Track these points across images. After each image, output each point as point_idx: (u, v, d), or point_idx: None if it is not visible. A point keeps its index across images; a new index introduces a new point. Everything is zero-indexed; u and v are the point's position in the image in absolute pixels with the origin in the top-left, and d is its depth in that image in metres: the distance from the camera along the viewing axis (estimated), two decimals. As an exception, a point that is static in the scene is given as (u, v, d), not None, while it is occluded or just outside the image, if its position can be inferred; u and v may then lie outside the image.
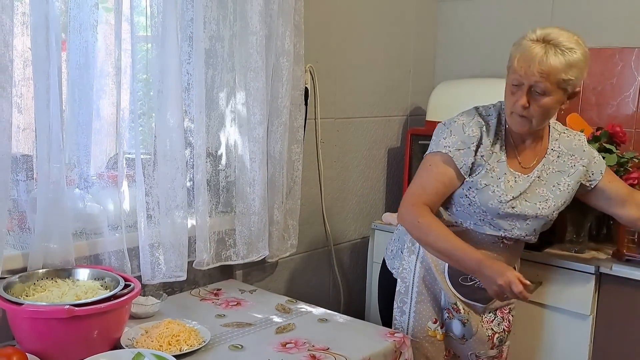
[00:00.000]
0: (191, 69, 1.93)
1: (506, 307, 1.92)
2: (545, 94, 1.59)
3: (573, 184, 1.80)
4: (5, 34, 1.49)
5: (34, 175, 1.68)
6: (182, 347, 1.53)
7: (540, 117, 1.64)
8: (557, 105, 1.64)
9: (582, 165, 1.80)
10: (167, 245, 1.89)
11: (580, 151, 1.80)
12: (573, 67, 1.57)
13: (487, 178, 1.71)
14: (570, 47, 1.57)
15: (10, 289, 1.54)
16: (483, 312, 1.89)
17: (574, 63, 1.57)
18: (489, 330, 1.90)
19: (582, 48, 1.60)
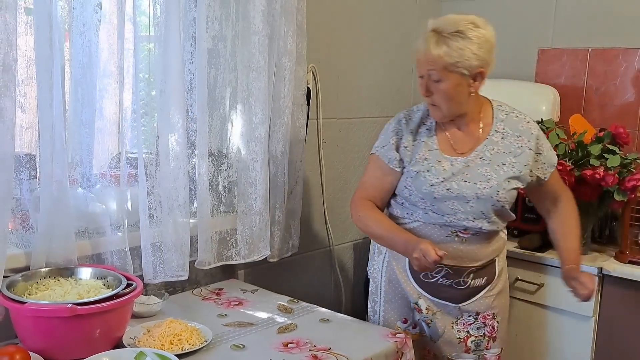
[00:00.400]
0: (194, 69, 1.93)
1: (489, 312, 1.84)
2: (440, 81, 1.66)
3: (520, 166, 1.75)
4: (9, 33, 1.49)
5: (37, 174, 1.69)
6: (184, 347, 1.54)
7: (445, 103, 1.69)
8: (459, 89, 1.67)
9: (529, 148, 1.76)
10: (169, 244, 1.89)
11: (527, 134, 1.78)
12: (459, 50, 1.61)
13: (418, 166, 1.77)
14: (456, 32, 1.63)
15: (13, 287, 1.54)
16: (459, 314, 1.84)
17: (459, 47, 1.61)
18: (462, 333, 1.84)
19: (472, 31, 1.64)
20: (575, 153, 2.21)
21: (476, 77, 1.67)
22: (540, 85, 2.62)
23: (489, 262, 1.83)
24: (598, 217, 2.38)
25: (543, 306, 2.29)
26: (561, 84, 2.64)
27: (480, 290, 1.83)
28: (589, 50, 2.60)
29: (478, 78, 1.68)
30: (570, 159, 2.19)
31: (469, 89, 1.68)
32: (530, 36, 2.75)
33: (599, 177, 2.09)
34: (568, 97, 2.61)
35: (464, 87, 1.67)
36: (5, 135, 1.51)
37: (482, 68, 1.66)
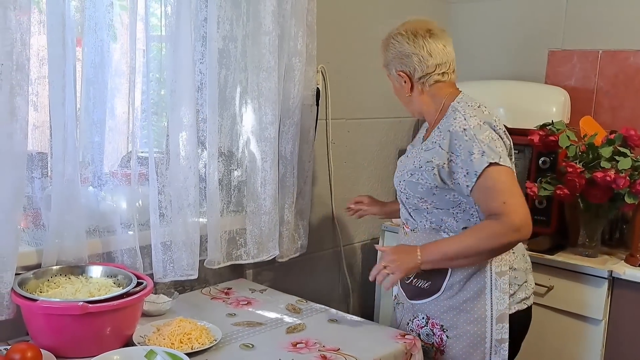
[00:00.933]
0: (204, 69, 1.94)
1: (437, 322, 1.78)
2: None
3: (422, 160, 1.71)
4: (23, 32, 1.50)
5: (49, 172, 1.70)
6: (194, 346, 1.54)
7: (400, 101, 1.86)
8: (396, 88, 1.83)
9: (439, 145, 1.68)
10: (179, 243, 1.90)
11: (445, 130, 1.68)
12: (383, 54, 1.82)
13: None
14: (386, 38, 1.82)
15: (25, 285, 1.56)
16: (414, 313, 1.83)
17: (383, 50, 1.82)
18: (413, 333, 1.82)
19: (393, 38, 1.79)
20: (586, 155, 2.20)
21: (404, 80, 1.78)
22: (551, 87, 2.61)
23: (436, 270, 1.73)
24: (608, 219, 2.37)
25: (552, 309, 2.28)
26: (571, 86, 2.63)
27: (427, 294, 1.78)
28: (599, 52, 2.59)
29: (406, 81, 1.77)
30: (581, 161, 2.19)
31: (403, 89, 1.80)
32: (540, 38, 2.74)
33: (609, 180, 2.08)
34: (578, 99, 2.59)
35: (398, 87, 1.82)
36: (18, 133, 1.52)
37: (402, 72, 1.77)
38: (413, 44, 1.74)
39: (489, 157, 1.62)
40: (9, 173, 1.52)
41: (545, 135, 2.26)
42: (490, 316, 1.73)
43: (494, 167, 1.62)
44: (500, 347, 1.73)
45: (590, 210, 2.25)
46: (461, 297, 1.74)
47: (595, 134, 2.23)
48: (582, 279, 2.20)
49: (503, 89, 2.65)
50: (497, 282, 1.73)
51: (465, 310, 1.74)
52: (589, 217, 2.28)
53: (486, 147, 1.63)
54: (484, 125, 1.66)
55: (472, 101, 1.74)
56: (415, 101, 1.80)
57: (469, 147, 1.63)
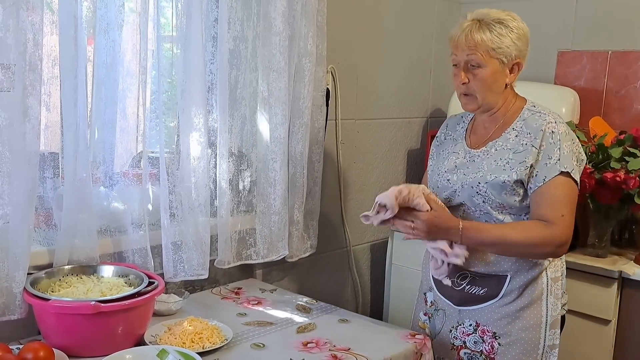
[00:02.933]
0: (215, 69, 1.94)
1: (490, 329, 1.72)
2: (480, 66, 1.65)
3: (514, 163, 1.65)
4: (35, 32, 1.51)
5: (60, 172, 1.71)
6: (205, 345, 1.54)
7: (482, 90, 1.67)
8: (497, 77, 1.66)
9: (532, 145, 1.63)
10: (189, 243, 1.90)
11: (538, 131, 1.64)
12: (500, 36, 1.63)
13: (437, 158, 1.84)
14: (497, 20, 1.65)
15: (37, 284, 1.56)
16: (460, 320, 1.77)
17: (501, 33, 1.64)
18: (458, 341, 1.77)
19: (512, 22, 1.66)
20: (596, 156, 2.19)
21: (513, 68, 1.68)
22: (560, 88, 2.61)
23: (494, 276, 1.70)
24: (618, 220, 2.37)
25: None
26: (581, 87, 2.62)
27: (481, 300, 1.73)
28: (609, 53, 2.58)
29: (514, 69, 1.68)
30: (591, 161, 2.18)
31: (505, 79, 1.68)
32: (550, 38, 2.73)
33: (619, 180, 2.08)
34: (588, 99, 2.59)
35: (501, 75, 1.67)
36: (30, 134, 1.53)
37: (519, 59, 1.67)
38: (526, 36, 1.69)
39: (562, 166, 1.61)
40: (22, 173, 1.53)
41: (555, 136, 2.25)
42: (545, 322, 1.70)
43: (564, 177, 1.61)
44: (551, 352, 1.71)
45: (600, 211, 2.25)
46: (518, 303, 1.70)
47: (604, 135, 2.23)
48: (591, 279, 2.20)
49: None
50: (552, 288, 1.71)
51: (521, 317, 1.70)
52: (598, 218, 2.27)
53: (564, 156, 1.61)
54: (569, 135, 1.65)
55: (547, 109, 1.71)
56: (503, 94, 1.70)
57: (550, 151, 1.62)
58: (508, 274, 1.70)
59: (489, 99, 1.69)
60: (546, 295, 1.70)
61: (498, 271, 1.71)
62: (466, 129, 1.82)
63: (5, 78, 1.48)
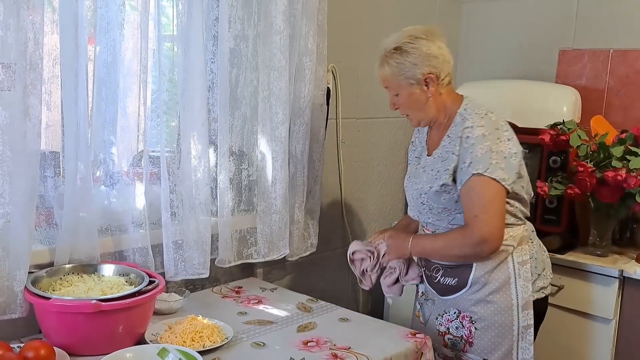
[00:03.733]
0: (215, 68, 1.94)
1: (467, 314, 1.81)
2: (397, 94, 1.79)
3: (442, 172, 1.75)
4: (36, 31, 1.51)
5: (61, 171, 1.71)
6: (205, 344, 1.55)
7: (409, 111, 1.82)
8: (415, 97, 1.77)
9: (452, 152, 1.73)
10: (190, 242, 1.90)
11: (456, 137, 1.73)
12: (398, 65, 1.74)
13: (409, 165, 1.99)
14: (394, 49, 1.75)
15: (38, 283, 1.57)
16: (445, 308, 1.86)
17: (398, 62, 1.74)
18: (442, 327, 1.87)
19: (409, 44, 1.74)
20: (597, 155, 2.19)
21: (427, 83, 1.75)
22: (561, 87, 2.61)
23: (461, 266, 1.79)
24: (619, 219, 2.36)
25: (563, 308, 2.28)
26: (582, 85, 2.62)
27: (455, 290, 1.82)
28: (610, 52, 2.58)
29: (429, 82, 1.75)
30: (592, 160, 2.18)
31: (425, 94, 1.77)
32: (551, 37, 2.73)
33: (620, 179, 2.08)
34: (589, 98, 2.59)
35: (418, 94, 1.77)
36: (31, 133, 1.53)
37: (430, 74, 1.74)
38: (435, 45, 1.75)
39: (473, 169, 1.68)
40: (23, 172, 1.53)
41: (556, 135, 2.25)
42: (517, 304, 1.78)
43: (477, 177, 1.68)
44: (526, 332, 1.79)
45: (601, 210, 2.24)
46: (488, 289, 1.78)
47: (606, 134, 2.22)
48: (592, 278, 2.20)
49: (514, 88, 2.65)
50: (520, 271, 1.78)
51: (492, 301, 1.78)
52: (599, 217, 2.27)
53: (477, 158, 1.68)
54: (488, 136, 1.69)
55: (479, 108, 1.76)
56: (431, 106, 1.79)
57: (465, 155, 1.71)
58: (473, 263, 1.78)
59: (420, 116, 1.82)
60: (514, 279, 1.78)
61: (464, 262, 1.79)
62: (427, 132, 1.93)
63: (6, 77, 1.48)
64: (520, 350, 1.79)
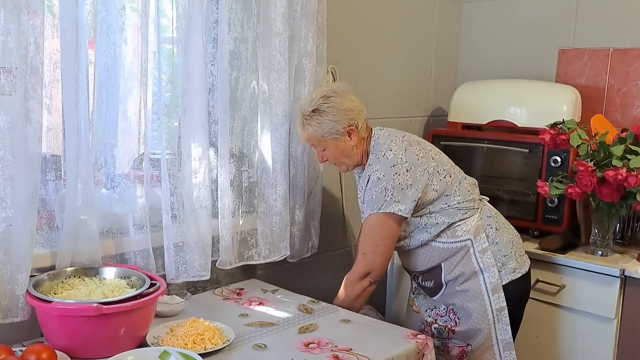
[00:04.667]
0: (215, 71, 1.95)
1: (452, 307, 1.99)
2: (324, 149, 1.96)
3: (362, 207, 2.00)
4: (37, 36, 1.51)
5: (62, 175, 1.71)
6: (207, 346, 1.55)
7: (339, 160, 1.99)
8: (341, 148, 1.94)
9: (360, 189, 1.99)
10: (191, 244, 1.91)
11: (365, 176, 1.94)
12: (319, 125, 1.90)
13: None
14: (312, 111, 1.91)
15: (40, 286, 1.57)
16: (437, 304, 2.02)
17: (319, 122, 1.90)
18: (430, 318, 2.04)
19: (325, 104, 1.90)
20: (597, 154, 2.19)
21: (349, 134, 1.92)
22: (561, 86, 2.61)
23: (431, 269, 1.99)
24: (620, 218, 2.36)
25: (565, 308, 2.28)
26: (582, 84, 2.62)
27: (436, 290, 2.01)
28: (610, 50, 2.58)
29: (351, 133, 1.93)
30: (592, 159, 2.18)
31: (349, 144, 1.94)
32: (550, 36, 2.73)
33: (621, 178, 2.07)
34: (589, 97, 2.58)
35: (344, 145, 1.94)
36: (32, 137, 1.53)
37: (350, 126, 1.91)
38: (348, 100, 1.92)
39: (370, 208, 1.91)
40: (24, 175, 1.53)
41: (556, 134, 2.25)
42: (486, 289, 1.95)
43: (372, 216, 1.91)
44: (501, 314, 1.95)
45: (601, 209, 2.24)
46: (459, 281, 1.96)
47: (606, 133, 2.22)
48: (594, 277, 2.20)
49: (514, 88, 2.65)
50: (483, 259, 1.95)
51: (465, 290, 1.96)
52: (600, 216, 2.27)
53: (372, 199, 1.90)
54: (382, 178, 1.89)
55: (380, 146, 1.93)
56: (356, 152, 1.97)
57: (365, 195, 1.94)
58: (441, 263, 1.96)
59: (348, 162, 1.99)
60: (479, 267, 1.95)
61: (431, 264, 1.98)
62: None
63: (7, 81, 1.48)
64: (498, 332, 1.96)
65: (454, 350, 1.99)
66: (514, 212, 2.49)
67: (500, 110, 2.57)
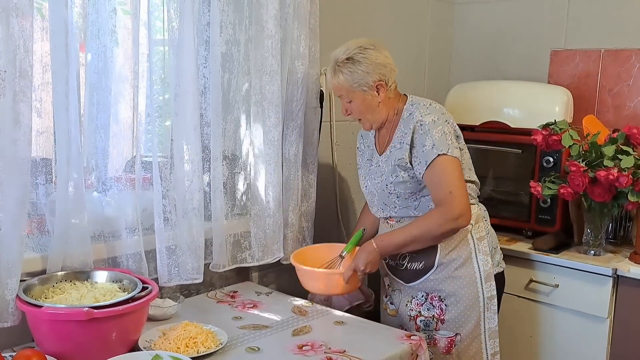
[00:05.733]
0: (207, 73, 1.94)
1: (436, 294, 1.97)
2: (351, 100, 1.93)
3: (399, 160, 1.91)
4: (25, 39, 1.50)
5: (53, 178, 1.70)
6: (200, 350, 1.54)
7: (362, 115, 1.95)
8: (367, 102, 1.91)
9: (406, 142, 1.90)
10: (183, 247, 1.90)
11: (409, 128, 1.90)
12: (351, 74, 1.88)
13: (362, 167, 2.09)
14: (346, 59, 1.88)
15: (30, 291, 1.56)
16: (413, 293, 2.01)
17: (351, 71, 1.88)
18: (414, 311, 2.01)
19: (360, 54, 1.88)
20: (589, 154, 2.20)
21: (378, 89, 1.90)
22: (553, 87, 2.61)
23: (426, 249, 1.93)
24: (612, 218, 2.37)
25: (558, 307, 2.28)
26: (574, 85, 2.63)
27: (423, 273, 1.97)
28: (601, 51, 2.59)
29: (379, 88, 1.90)
30: (584, 160, 2.18)
31: (376, 99, 1.91)
32: (542, 38, 2.74)
33: (612, 178, 2.08)
34: (581, 98, 2.59)
35: (370, 99, 1.91)
36: (22, 140, 1.52)
37: (380, 81, 1.89)
38: (383, 55, 1.90)
39: (438, 149, 1.84)
40: (14, 179, 1.52)
41: (548, 135, 2.26)
42: (480, 277, 1.95)
43: (442, 157, 1.84)
44: (490, 303, 1.97)
45: (594, 209, 2.25)
46: (453, 266, 1.94)
47: (598, 133, 2.23)
48: (586, 277, 2.20)
49: (506, 89, 2.65)
50: (479, 246, 1.96)
51: (458, 276, 1.94)
52: (592, 216, 2.28)
53: (437, 140, 1.85)
54: (438, 121, 1.87)
55: (423, 100, 1.96)
56: (382, 110, 1.94)
57: (423, 139, 1.86)
58: (438, 245, 1.93)
59: (373, 119, 1.95)
60: (475, 254, 1.95)
61: (438, 242, 1.93)
62: (374, 135, 2.05)
63: (-4, 85, 1.47)
64: (486, 320, 1.96)
65: (442, 341, 1.96)
66: (507, 212, 2.50)
67: (493, 111, 2.57)
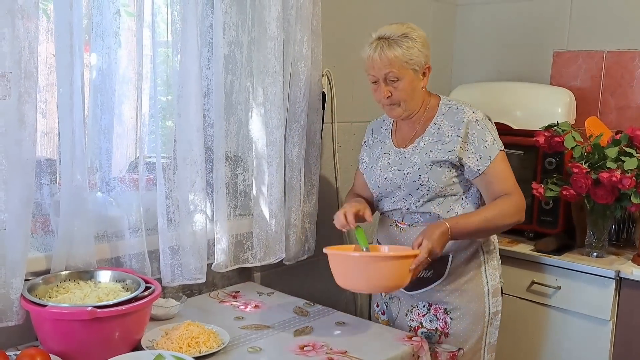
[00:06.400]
0: (210, 74, 1.95)
1: (441, 306, 1.90)
2: (398, 79, 1.81)
3: (444, 152, 1.83)
4: (31, 40, 1.52)
5: (57, 179, 1.71)
6: (202, 349, 1.55)
7: (405, 99, 1.84)
8: (414, 85, 1.84)
9: (457, 135, 1.83)
10: (186, 248, 1.91)
11: (459, 122, 1.84)
12: (409, 49, 1.79)
13: (369, 160, 2.00)
14: (402, 35, 1.80)
15: (34, 290, 1.57)
16: (414, 302, 1.94)
17: (409, 46, 1.79)
18: (414, 322, 1.94)
19: (413, 32, 1.82)
20: (592, 156, 2.20)
21: (424, 72, 1.85)
22: (556, 88, 2.61)
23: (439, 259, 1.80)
24: (615, 220, 2.37)
25: (560, 309, 2.28)
26: (577, 87, 2.63)
27: (429, 282, 1.90)
28: (604, 53, 2.59)
29: (426, 73, 1.86)
30: (587, 161, 2.19)
31: (420, 84, 1.86)
32: (545, 39, 2.74)
33: (615, 180, 2.08)
34: (584, 99, 2.59)
35: (417, 82, 1.85)
36: (27, 141, 1.53)
37: (428, 64, 1.85)
38: (427, 41, 1.85)
39: (499, 145, 1.83)
40: (18, 180, 1.53)
41: (550, 136, 2.26)
42: (487, 292, 1.90)
43: (503, 153, 1.83)
44: (495, 318, 1.92)
45: (596, 211, 2.25)
46: (462, 279, 1.89)
47: (600, 135, 2.23)
48: (589, 279, 2.20)
49: (508, 90, 2.66)
50: (488, 260, 1.92)
51: (466, 290, 1.89)
52: (595, 218, 2.28)
53: (495, 136, 1.84)
54: (482, 120, 1.85)
55: (459, 100, 1.91)
56: (420, 98, 1.88)
57: (482, 135, 1.82)
58: (450, 254, 1.86)
59: (411, 105, 1.87)
60: (484, 268, 1.91)
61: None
62: (390, 131, 1.99)
63: (1, 86, 1.49)
64: (488, 334, 1.91)
65: (443, 355, 1.89)
66: (509, 214, 2.49)
67: (495, 113, 2.56)
